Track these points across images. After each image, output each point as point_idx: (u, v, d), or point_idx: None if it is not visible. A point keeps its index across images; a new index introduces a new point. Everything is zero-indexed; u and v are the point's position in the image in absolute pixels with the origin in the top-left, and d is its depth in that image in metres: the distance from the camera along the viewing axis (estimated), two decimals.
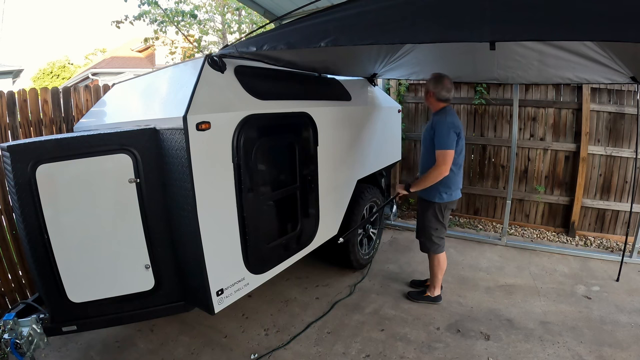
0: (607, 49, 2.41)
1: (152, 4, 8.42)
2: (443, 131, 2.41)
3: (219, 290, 1.95)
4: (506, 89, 4.30)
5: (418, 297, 2.90)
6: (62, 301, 1.86)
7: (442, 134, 2.41)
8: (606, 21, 1.08)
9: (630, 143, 3.84)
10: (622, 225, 3.97)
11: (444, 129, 2.41)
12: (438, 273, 2.81)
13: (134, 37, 15.25)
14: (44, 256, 1.79)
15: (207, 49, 10.19)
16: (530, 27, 1.17)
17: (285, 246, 2.46)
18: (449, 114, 2.50)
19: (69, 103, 3.01)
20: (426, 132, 2.62)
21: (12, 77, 12.00)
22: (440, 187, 2.57)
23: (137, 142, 1.85)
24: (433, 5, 1.33)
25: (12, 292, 2.70)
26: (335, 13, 1.48)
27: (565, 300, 2.89)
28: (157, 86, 2.38)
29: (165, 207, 1.95)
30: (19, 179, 1.71)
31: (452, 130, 2.42)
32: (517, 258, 3.65)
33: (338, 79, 3.19)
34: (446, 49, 2.85)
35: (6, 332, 1.75)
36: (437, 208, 2.65)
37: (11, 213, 2.59)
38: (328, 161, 2.72)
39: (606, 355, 2.26)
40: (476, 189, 4.67)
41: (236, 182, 1.98)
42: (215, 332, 2.57)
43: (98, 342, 2.48)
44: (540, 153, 4.27)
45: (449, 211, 2.72)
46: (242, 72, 2.14)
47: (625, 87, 3.81)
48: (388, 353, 2.34)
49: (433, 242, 2.73)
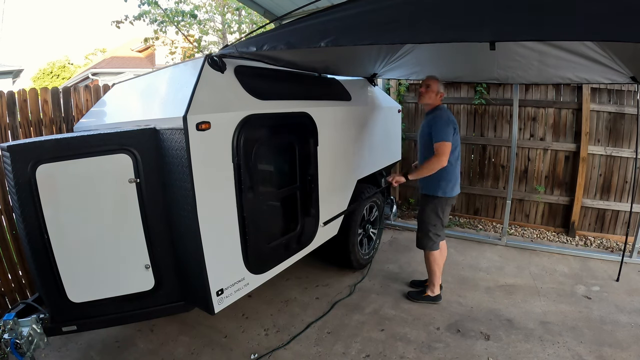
0: (607, 49, 2.41)
1: (152, 4, 8.43)
2: (442, 124, 2.50)
3: (219, 290, 1.95)
4: (506, 89, 4.30)
5: (418, 297, 2.90)
6: (62, 301, 1.86)
7: (440, 127, 2.49)
8: (606, 21, 1.08)
9: (630, 143, 3.84)
10: (622, 225, 3.97)
11: (442, 122, 2.51)
12: (435, 269, 2.81)
13: (134, 37, 15.25)
14: (44, 256, 1.79)
15: (207, 49, 10.19)
16: (530, 27, 1.17)
17: (285, 246, 2.46)
18: (446, 110, 2.63)
19: (69, 103, 3.01)
20: (422, 129, 2.68)
21: (12, 77, 12.00)
22: (441, 180, 2.61)
23: (137, 142, 1.85)
24: (433, 5, 1.33)
25: (12, 292, 2.70)
26: (335, 13, 1.48)
27: (565, 300, 2.89)
28: (157, 86, 2.38)
29: (165, 207, 1.95)
30: (19, 179, 1.71)
31: (451, 125, 2.53)
32: (517, 258, 3.65)
33: (338, 79, 3.19)
34: (446, 49, 2.85)
35: (6, 332, 1.75)
36: (437, 203, 2.66)
37: (11, 213, 2.59)
38: (328, 161, 2.72)
39: (606, 355, 2.26)
40: (476, 189, 4.67)
41: (236, 182, 1.98)
42: (215, 332, 2.57)
43: (98, 342, 2.48)
44: (540, 153, 4.27)
45: (449, 208, 2.74)
46: (242, 72, 2.14)
47: (625, 87, 3.81)
48: (388, 353, 2.34)
49: (430, 237, 2.72)
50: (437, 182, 2.62)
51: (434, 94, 2.60)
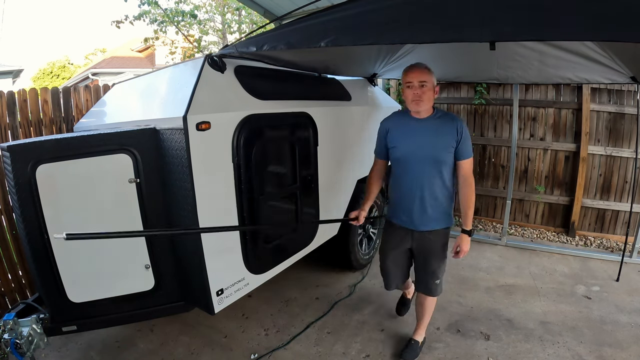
0: (607, 49, 2.40)
1: (152, 4, 8.43)
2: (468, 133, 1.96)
3: (219, 290, 1.95)
4: (506, 89, 4.29)
5: (417, 352, 2.29)
6: (62, 301, 1.86)
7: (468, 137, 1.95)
8: (606, 21, 1.08)
9: (630, 143, 3.84)
10: (622, 225, 3.97)
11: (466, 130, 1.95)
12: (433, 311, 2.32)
13: (134, 37, 15.24)
14: (44, 256, 1.79)
15: (207, 49, 10.19)
16: (530, 27, 1.17)
17: (285, 246, 2.46)
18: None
19: (69, 103, 3.00)
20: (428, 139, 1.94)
21: (12, 77, 11.99)
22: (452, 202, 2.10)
23: (137, 142, 1.85)
24: (433, 5, 1.33)
25: (12, 292, 2.70)
26: (335, 13, 1.48)
27: (565, 300, 2.89)
28: (157, 86, 2.38)
29: (165, 207, 1.94)
30: (19, 179, 1.70)
31: None
32: (517, 258, 3.65)
33: (338, 79, 3.19)
34: (446, 49, 2.84)
35: (6, 332, 1.74)
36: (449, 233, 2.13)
37: (11, 213, 2.58)
38: (328, 161, 2.72)
39: (606, 355, 2.26)
40: (476, 189, 4.64)
41: (236, 182, 1.98)
42: (215, 332, 2.57)
43: (98, 342, 2.48)
44: (540, 153, 4.27)
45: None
46: (242, 72, 2.14)
47: (625, 87, 3.81)
48: (388, 353, 2.34)
49: (442, 279, 2.17)
50: (449, 206, 2.07)
51: (432, 91, 1.91)
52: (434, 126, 1.96)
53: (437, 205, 2.01)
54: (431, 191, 1.98)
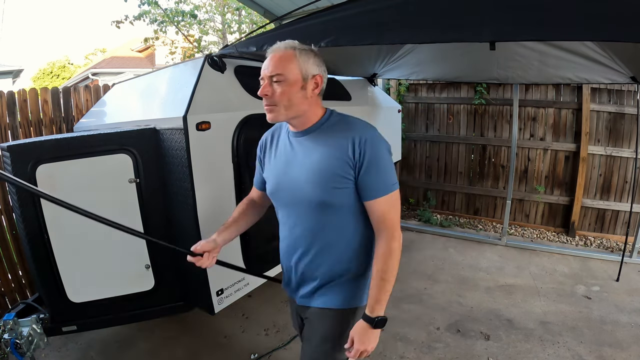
0: (607, 49, 2.41)
1: (152, 4, 8.42)
2: (387, 159, 1.13)
3: (219, 290, 1.95)
4: (506, 89, 4.29)
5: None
6: (62, 301, 1.86)
7: (386, 165, 1.13)
8: (606, 21, 1.08)
9: (630, 143, 3.84)
10: (622, 225, 3.96)
11: (385, 154, 1.14)
12: None
13: (134, 37, 15.24)
14: (44, 256, 1.79)
15: (207, 49, 10.18)
16: (530, 28, 1.17)
17: None
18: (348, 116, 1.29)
19: (69, 103, 3.00)
20: (302, 169, 1.17)
21: (12, 77, 11.98)
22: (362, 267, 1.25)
23: (137, 142, 1.85)
24: (433, 5, 1.33)
25: (12, 292, 2.70)
26: (335, 13, 1.48)
27: (565, 300, 2.89)
28: (157, 86, 2.38)
29: (165, 207, 1.94)
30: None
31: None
32: (517, 258, 3.65)
33: (338, 79, 3.19)
34: (446, 49, 2.85)
35: (6, 332, 1.74)
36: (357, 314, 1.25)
37: (11, 213, 2.59)
38: None
39: (606, 355, 2.26)
40: (476, 189, 4.67)
41: (236, 182, 1.98)
42: (215, 332, 2.57)
43: (98, 342, 2.47)
44: (540, 153, 4.27)
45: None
46: (242, 72, 2.14)
47: (625, 87, 3.81)
48: (388, 353, 2.33)
49: None
50: (354, 275, 1.25)
51: (297, 87, 1.18)
52: (314, 146, 1.17)
53: (327, 272, 1.22)
54: (319, 250, 1.21)
